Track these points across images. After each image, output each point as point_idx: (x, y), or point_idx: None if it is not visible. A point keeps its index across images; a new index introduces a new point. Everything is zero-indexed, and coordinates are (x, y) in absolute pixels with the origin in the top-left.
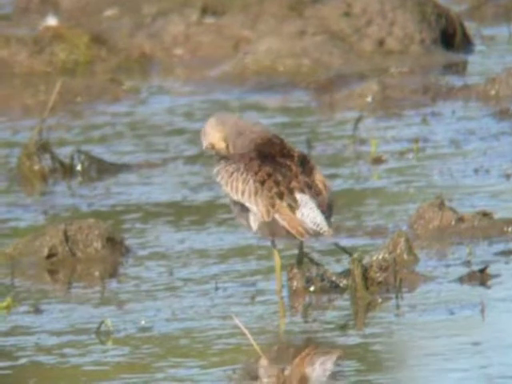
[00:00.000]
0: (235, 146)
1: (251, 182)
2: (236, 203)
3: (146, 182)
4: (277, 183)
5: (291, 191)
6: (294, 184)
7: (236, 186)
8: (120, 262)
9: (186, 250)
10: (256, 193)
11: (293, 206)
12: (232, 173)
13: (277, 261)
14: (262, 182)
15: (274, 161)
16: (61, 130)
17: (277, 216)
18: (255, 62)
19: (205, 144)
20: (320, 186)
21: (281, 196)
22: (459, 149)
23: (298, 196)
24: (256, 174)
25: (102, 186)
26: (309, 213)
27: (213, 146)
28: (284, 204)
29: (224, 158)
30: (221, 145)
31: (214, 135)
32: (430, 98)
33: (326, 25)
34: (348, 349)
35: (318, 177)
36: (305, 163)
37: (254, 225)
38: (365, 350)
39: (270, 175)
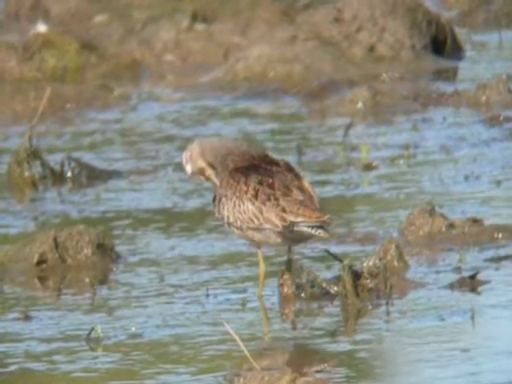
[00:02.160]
0: (222, 166)
1: (249, 205)
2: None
3: (136, 189)
4: (270, 186)
5: (288, 190)
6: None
7: (242, 219)
8: (110, 268)
9: (177, 256)
10: (261, 211)
11: (300, 199)
12: (232, 206)
13: (261, 267)
14: (256, 194)
15: (260, 168)
16: (51, 136)
17: (292, 218)
18: (246, 69)
19: (190, 170)
20: (309, 189)
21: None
22: (450, 155)
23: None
24: (246, 192)
25: (93, 192)
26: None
27: (201, 172)
28: (290, 198)
29: (215, 192)
30: (208, 171)
31: (201, 162)
32: (421, 104)
33: (316, 31)
34: (338, 355)
35: (306, 182)
36: (291, 170)
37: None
38: (355, 357)
39: (260, 183)
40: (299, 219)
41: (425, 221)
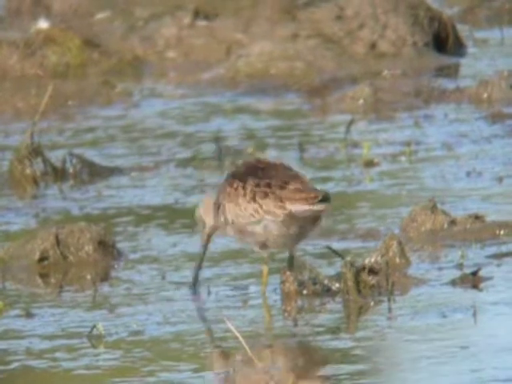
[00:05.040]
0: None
1: (248, 205)
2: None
3: (137, 185)
4: (267, 185)
5: (285, 183)
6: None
7: (243, 215)
8: (112, 265)
9: (178, 253)
10: (261, 206)
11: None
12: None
13: (264, 267)
14: (254, 196)
15: (258, 170)
16: (52, 133)
17: (289, 206)
18: (248, 65)
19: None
20: (305, 178)
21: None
22: (451, 152)
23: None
24: (245, 195)
25: (94, 189)
26: None
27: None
28: (289, 188)
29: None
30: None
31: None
32: (423, 100)
33: (318, 28)
34: (340, 352)
35: (301, 174)
36: (288, 168)
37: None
38: (357, 354)
39: (257, 185)
40: (297, 205)
41: (427, 217)
